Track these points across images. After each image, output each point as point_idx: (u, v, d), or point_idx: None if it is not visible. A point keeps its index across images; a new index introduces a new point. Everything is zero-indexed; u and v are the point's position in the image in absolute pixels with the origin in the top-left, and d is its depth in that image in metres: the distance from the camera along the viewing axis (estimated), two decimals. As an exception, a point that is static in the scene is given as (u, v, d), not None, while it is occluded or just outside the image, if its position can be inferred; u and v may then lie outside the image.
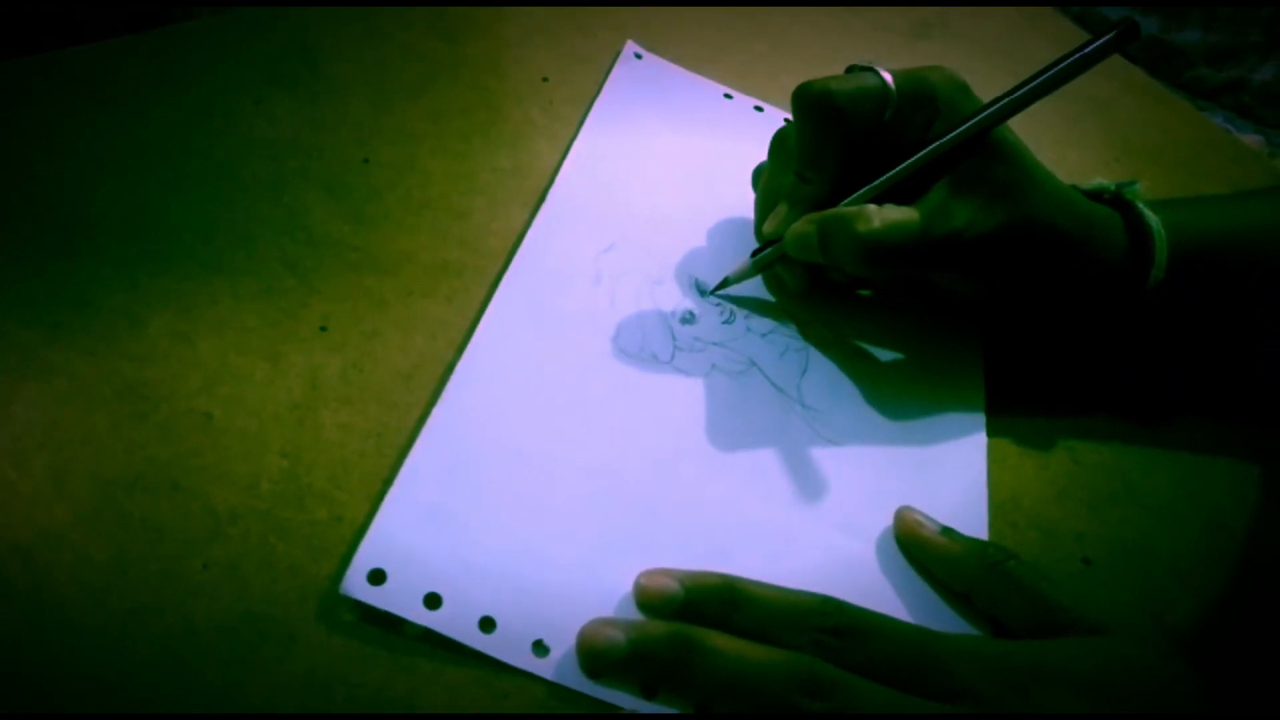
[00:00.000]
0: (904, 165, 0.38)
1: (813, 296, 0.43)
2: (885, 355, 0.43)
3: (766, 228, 0.41)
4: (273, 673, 0.29)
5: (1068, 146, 0.58)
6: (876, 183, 0.38)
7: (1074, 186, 0.40)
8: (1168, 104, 0.66)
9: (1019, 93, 0.36)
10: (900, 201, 0.38)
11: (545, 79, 0.50)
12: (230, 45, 0.45)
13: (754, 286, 0.44)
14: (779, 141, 0.42)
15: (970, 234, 0.37)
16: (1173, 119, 0.64)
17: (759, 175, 0.44)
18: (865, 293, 0.45)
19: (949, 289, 0.41)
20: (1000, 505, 0.39)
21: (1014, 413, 0.42)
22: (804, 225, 0.39)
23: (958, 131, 0.37)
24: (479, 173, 0.44)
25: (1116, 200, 0.40)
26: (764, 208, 0.42)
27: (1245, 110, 0.84)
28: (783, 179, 0.41)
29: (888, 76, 0.38)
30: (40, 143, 0.39)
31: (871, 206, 0.37)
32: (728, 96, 0.53)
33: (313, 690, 0.29)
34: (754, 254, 0.42)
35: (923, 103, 0.38)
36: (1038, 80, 0.36)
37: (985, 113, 0.37)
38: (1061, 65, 0.36)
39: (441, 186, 0.43)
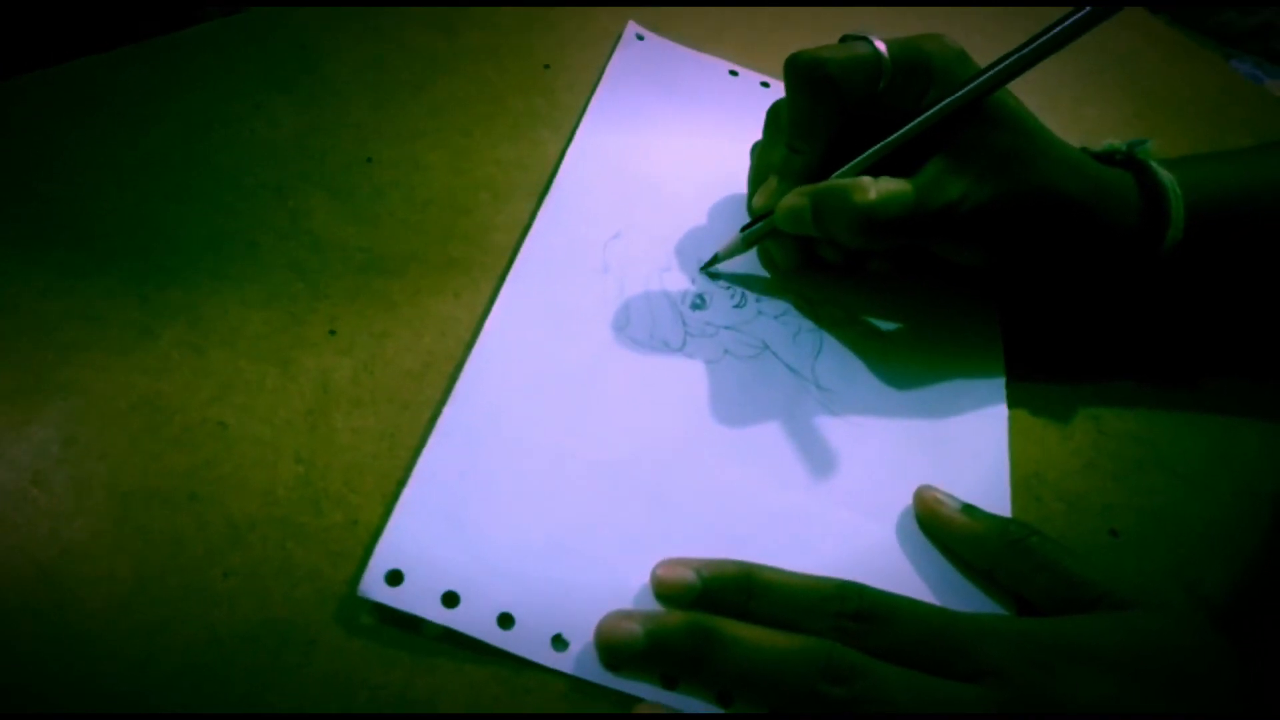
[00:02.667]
0: (896, 135, 0.37)
1: (804, 273, 0.42)
2: (901, 332, 0.42)
3: (755, 201, 0.40)
4: (295, 677, 0.29)
5: (1085, 103, 0.56)
6: (867, 153, 0.38)
7: (1083, 149, 0.39)
8: (1191, 54, 0.64)
9: (1015, 56, 0.35)
10: (901, 174, 0.37)
11: (546, 66, 0.49)
12: (227, 50, 0.45)
13: (760, 266, 0.43)
14: (773, 115, 0.41)
15: (967, 206, 0.36)
16: (1196, 70, 0.62)
17: (755, 152, 0.43)
18: (874, 266, 0.44)
19: (953, 260, 0.40)
20: (1024, 479, 0.38)
21: (1035, 383, 0.41)
22: (796, 198, 0.38)
23: (949, 100, 0.36)
24: (482, 166, 0.44)
25: (1129, 161, 0.39)
26: (756, 182, 0.42)
27: (1276, 56, 0.81)
28: (774, 152, 0.40)
29: (881, 45, 0.37)
30: (43, 160, 0.40)
31: (867, 178, 0.37)
32: (733, 74, 0.52)
33: (336, 693, 0.29)
34: (744, 229, 0.41)
35: (917, 71, 0.37)
36: (1037, 42, 0.35)
37: (978, 80, 0.36)
38: (1064, 24, 0.34)
39: (445, 182, 0.43)
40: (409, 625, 0.30)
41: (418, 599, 0.30)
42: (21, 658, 0.28)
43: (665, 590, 0.32)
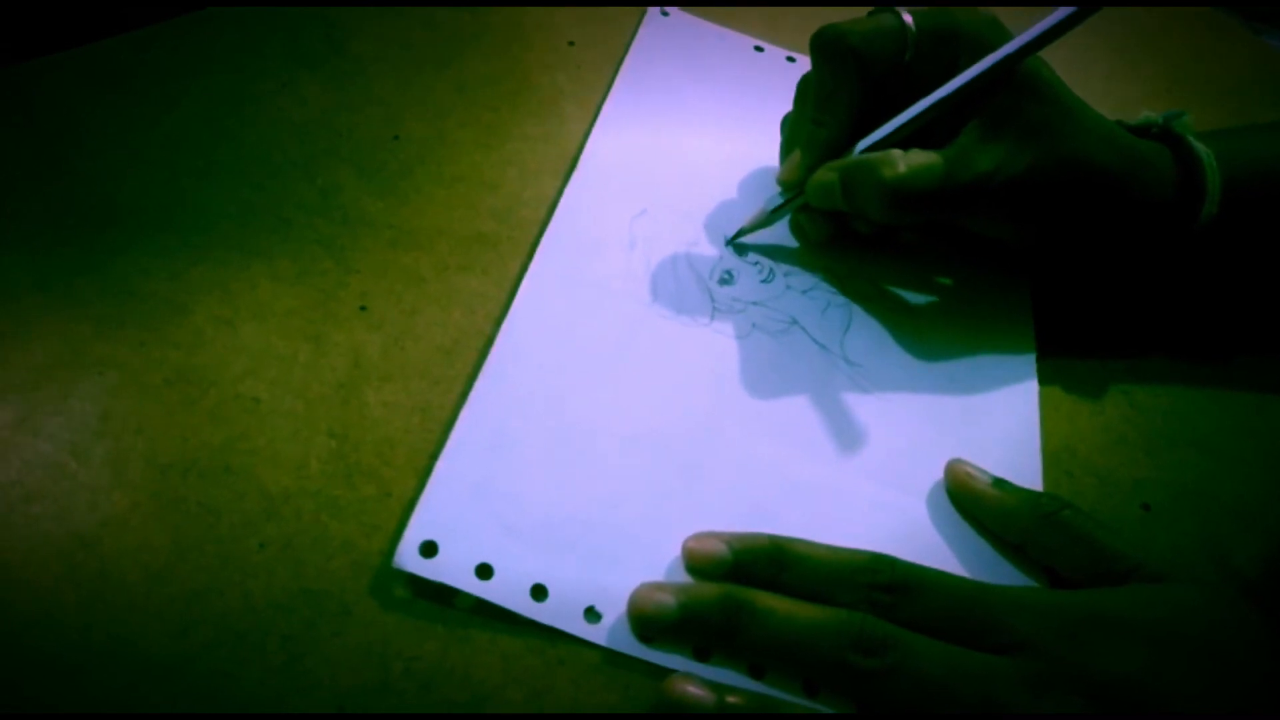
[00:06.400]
0: (921, 105, 0.37)
1: (836, 245, 0.42)
2: (930, 306, 0.42)
3: (780, 175, 0.40)
4: (330, 647, 0.29)
5: (1116, 79, 0.56)
6: (891, 125, 0.37)
7: (1119, 122, 0.39)
8: (1221, 28, 0.63)
9: (1046, 25, 0.35)
10: (934, 145, 0.36)
11: (571, 43, 0.49)
12: (254, 29, 0.46)
13: (788, 240, 0.43)
14: (802, 88, 0.41)
15: (1000, 178, 0.36)
16: (1227, 44, 0.62)
17: (786, 125, 0.43)
18: (906, 238, 0.43)
19: (985, 234, 0.39)
20: (1055, 454, 0.38)
21: (1066, 358, 0.41)
22: (826, 173, 0.38)
23: (975, 68, 0.35)
24: (509, 142, 0.44)
25: (1165, 134, 0.39)
26: (785, 155, 0.42)
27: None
28: (802, 125, 0.40)
29: (907, 16, 0.36)
30: (75, 138, 0.40)
31: (896, 151, 0.36)
32: (758, 49, 0.51)
33: (370, 663, 0.29)
34: (770, 204, 0.41)
35: (946, 40, 0.36)
36: (1068, 11, 0.34)
37: (1010, 48, 0.35)
38: None
39: (472, 158, 0.43)
40: (443, 597, 0.31)
41: (451, 570, 0.31)
42: (63, 625, 0.29)
43: (696, 563, 0.32)
